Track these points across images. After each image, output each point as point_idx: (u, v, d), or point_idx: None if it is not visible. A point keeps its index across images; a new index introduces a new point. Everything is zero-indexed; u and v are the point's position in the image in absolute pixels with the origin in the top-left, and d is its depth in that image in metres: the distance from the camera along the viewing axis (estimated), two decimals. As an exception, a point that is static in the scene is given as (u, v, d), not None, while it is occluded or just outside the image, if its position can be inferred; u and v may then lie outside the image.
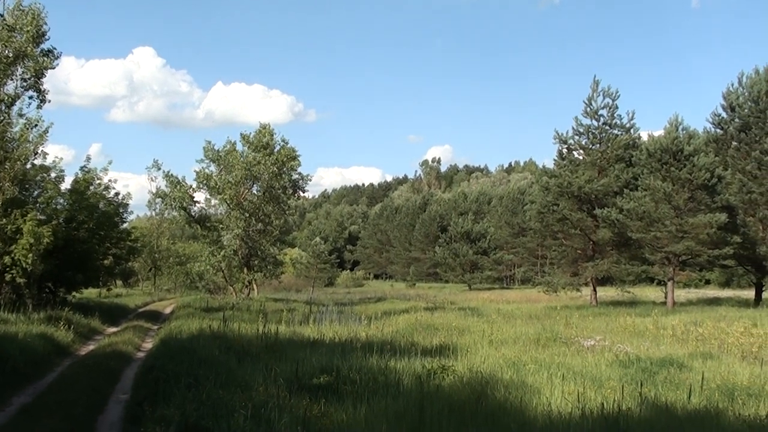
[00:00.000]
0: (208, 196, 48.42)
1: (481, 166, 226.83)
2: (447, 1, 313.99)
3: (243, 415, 8.59)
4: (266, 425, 8.51)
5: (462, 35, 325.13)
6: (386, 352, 15.77)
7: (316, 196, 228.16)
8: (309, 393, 11.06)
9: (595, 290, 48.17)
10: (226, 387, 10.90)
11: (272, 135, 48.51)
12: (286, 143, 48.95)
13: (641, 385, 11.75)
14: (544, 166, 67.41)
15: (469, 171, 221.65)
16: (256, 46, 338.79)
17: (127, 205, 35.61)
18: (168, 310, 39.05)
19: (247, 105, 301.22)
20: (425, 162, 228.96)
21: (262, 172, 46.52)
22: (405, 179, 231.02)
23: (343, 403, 10.57)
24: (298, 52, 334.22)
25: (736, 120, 44.54)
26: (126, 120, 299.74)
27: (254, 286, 52.47)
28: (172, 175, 46.38)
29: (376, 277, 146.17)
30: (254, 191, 48.74)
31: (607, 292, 53.63)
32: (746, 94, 44.16)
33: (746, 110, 43.72)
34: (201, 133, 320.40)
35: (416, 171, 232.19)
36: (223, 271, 49.45)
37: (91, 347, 20.63)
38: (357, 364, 13.65)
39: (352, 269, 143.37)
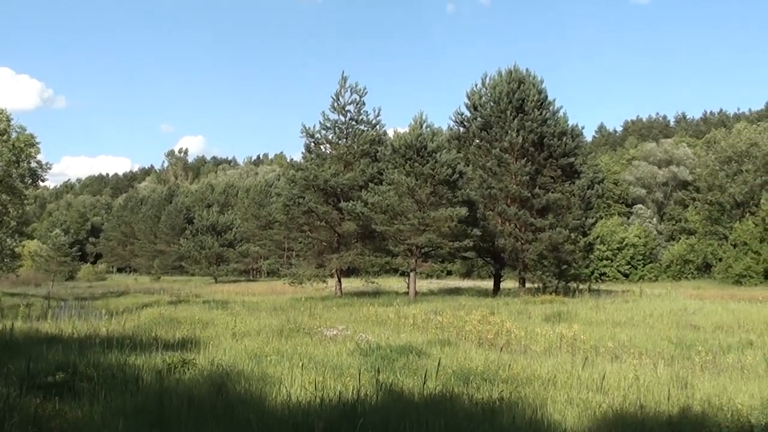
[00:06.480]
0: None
1: (230, 158, 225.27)
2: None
3: (-34, 417, 7.83)
4: (-7, 426, 7.83)
5: (222, 25, 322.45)
6: (126, 348, 15.05)
7: (59, 186, 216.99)
8: (44, 391, 10.30)
9: (339, 281, 49.08)
10: (-47, 388, 9.94)
11: (9, 121, 45.15)
12: (24, 130, 45.81)
13: (379, 371, 11.87)
14: (291, 160, 67.89)
15: (217, 163, 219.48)
16: (5, 27, 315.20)
17: None
18: None
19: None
20: (171, 152, 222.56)
21: (-3, 159, 43.12)
22: (151, 170, 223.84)
23: (80, 400, 9.97)
24: (50, 36, 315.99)
25: (479, 119, 47.21)
26: None
27: (-10, 280, 49.01)
28: None
29: (120, 270, 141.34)
30: (-11, 179, 45.11)
31: (352, 283, 54.89)
32: (489, 94, 46.93)
33: (488, 110, 46.44)
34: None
35: (163, 162, 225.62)
36: (-45, 266, 45.52)
37: None
38: (95, 360, 12.98)
39: (94, 262, 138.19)
